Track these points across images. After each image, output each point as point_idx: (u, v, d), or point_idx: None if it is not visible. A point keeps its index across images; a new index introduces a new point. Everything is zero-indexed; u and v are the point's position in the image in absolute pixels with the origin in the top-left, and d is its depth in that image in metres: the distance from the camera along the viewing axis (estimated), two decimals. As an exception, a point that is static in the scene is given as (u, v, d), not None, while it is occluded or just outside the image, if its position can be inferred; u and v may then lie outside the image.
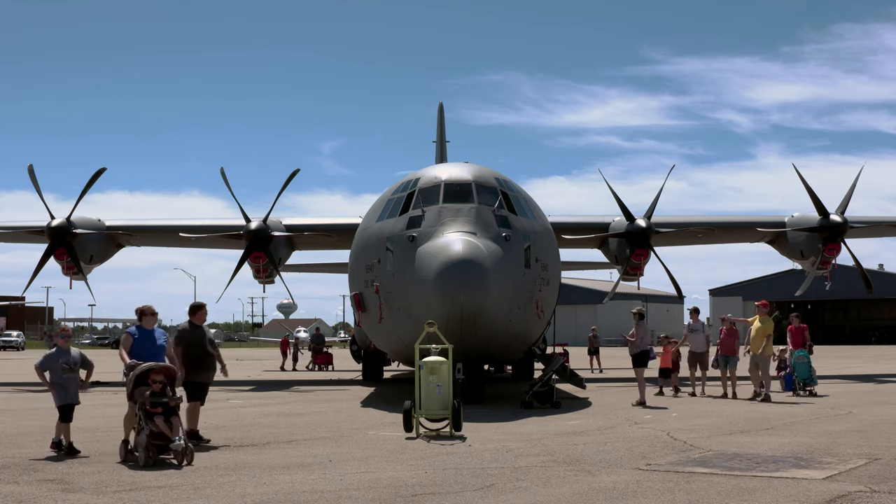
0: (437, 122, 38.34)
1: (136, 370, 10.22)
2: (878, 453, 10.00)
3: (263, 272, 26.39)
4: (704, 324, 20.13)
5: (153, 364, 10.34)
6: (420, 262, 15.92)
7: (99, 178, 24.90)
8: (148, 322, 10.99)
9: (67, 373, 10.64)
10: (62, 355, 10.71)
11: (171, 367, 10.52)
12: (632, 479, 8.48)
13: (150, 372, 10.18)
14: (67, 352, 10.79)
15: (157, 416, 9.86)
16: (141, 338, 10.81)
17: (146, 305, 11.03)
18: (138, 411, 10.00)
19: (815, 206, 25.81)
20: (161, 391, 10.10)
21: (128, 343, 10.77)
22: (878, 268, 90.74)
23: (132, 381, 10.16)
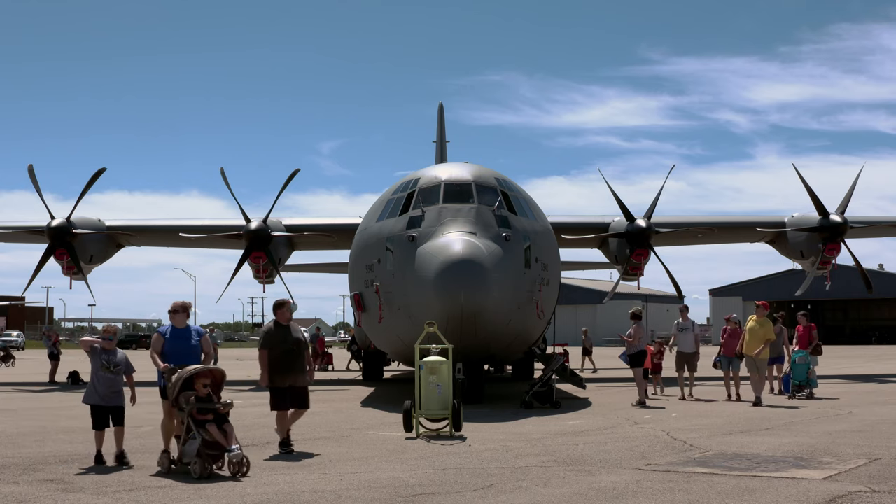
0: (437, 122, 38.37)
1: (180, 374, 9.38)
2: (878, 453, 10.00)
3: (263, 272, 26.40)
4: (694, 323, 19.14)
5: (200, 367, 9.51)
6: (420, 262, 15.92)
7: (99, 178, 24.93)
8: (179, 320, 10.05)
9: (105, 371, 9.82)
10: (105, 353, 9.92)
11: (218, 370, 9.69)
12: (632, 479, 8.48)
13: (195, 376, 9.37)
14: (113, 352, 10.00)
15: (210, 423, 9.12)
16: (173, 337, 9.93)
17: (177, 301, 10.20)
18: (186, 419, 9.19)
19: (814, 206, 25.82)
20: (208, 396, 9.36)
21: (158, 344, 9.88)
22: (878, 268, 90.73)
23: (178, 385, 9.31)
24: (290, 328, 10.95)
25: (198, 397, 9.27)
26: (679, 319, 19.11)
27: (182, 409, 9.27)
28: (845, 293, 60.98)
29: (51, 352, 28.14)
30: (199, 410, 9.20)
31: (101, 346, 9.96)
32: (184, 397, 9.26)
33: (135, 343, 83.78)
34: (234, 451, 8.93)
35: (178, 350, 9.81)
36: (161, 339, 9.91)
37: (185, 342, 9.91)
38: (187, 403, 9.22)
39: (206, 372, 9.47)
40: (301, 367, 10.89)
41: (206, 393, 9.35)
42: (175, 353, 9.78)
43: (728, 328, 18.47)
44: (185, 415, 9.23)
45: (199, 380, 9.37)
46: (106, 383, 9.83)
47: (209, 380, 9.45)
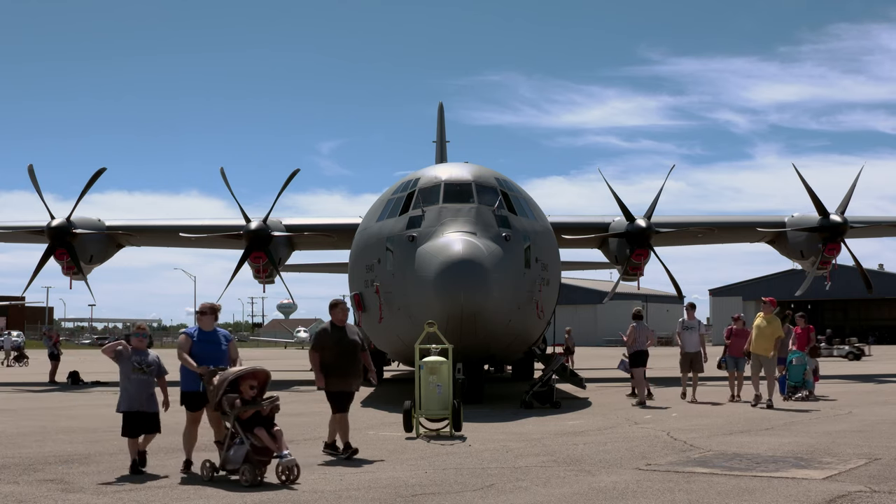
0: (437, 122, 38.38)
1: (223, 376, 8.84)
2: (878, 453, 10.00)
3: (263, 272, 26.40)
4: (701, 322, 18.32)
5: (246, 368, 8.95)
6: (420, 262, 15.92)
7: (99, 178, 24.94)
8: (207, 322, 9.49)
9: (137, 373, 9.17)
10: (136, 354, 9.30)
11: (263, 371, 9.07)
12: (632, 479, 8.48)
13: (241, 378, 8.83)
14: (144, 352, 9.38)
15: (258, 427, 8.56)
16: (200, 340, 9.35)
17: (205, 303, 9.70)
18: (233, 423, 8.62)
19: (815, 206, 25.82)
20: (253, 399, 8.78)
21: (186, 345, 9.27)
22: (878, 268, 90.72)
23: (222, 388, 8.74)
24: (346, 329, 10.47)
25: (244, 400, 8.72)
26: (684, 317, 18.35)
27: (226, 414, 8.72)
28: (845, 293, 60.99)
29: (51, 352, 28.17)
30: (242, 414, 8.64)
31: (132, 345, 9.38)
32: (227, 400, 8.70)
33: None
34: (288, 458, 8.41)
35: (207, 354, 9.23)
36: (189, 340, 9.33)
37: (213, 346, 9.36)
38: (232, 407, 8.65)
39: (251, 373, 8.93)
40: (357, 370, 10.37)
41: (253, 395, 8.80)
42: (203, 356, 9.20)
43: (734, 327, 18.14)
44: (230, 419, 8.64)
45: (245, 382, 8.83)
46: (140, 386, 9.19)
47: (255, 381, 8.93)
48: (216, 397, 8.78)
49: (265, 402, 8.76)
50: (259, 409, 8.68)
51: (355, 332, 10.53)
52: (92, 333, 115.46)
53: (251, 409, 8.65)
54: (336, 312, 10.53)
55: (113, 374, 35.04)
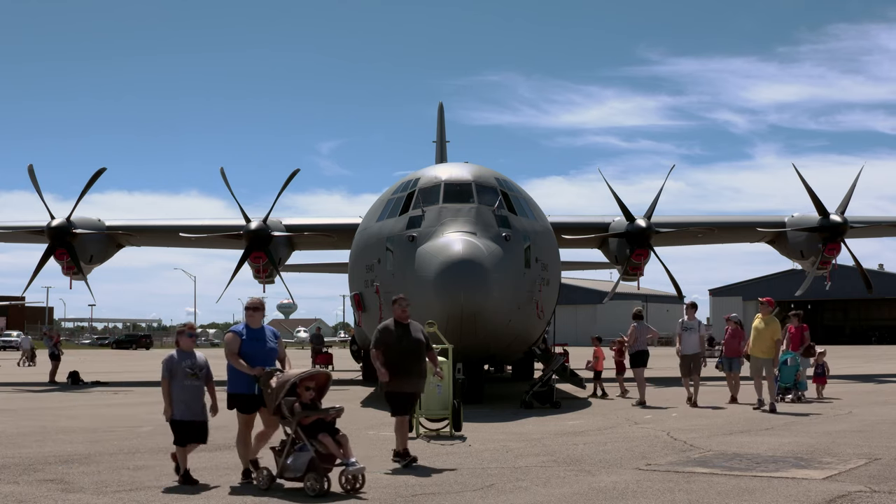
0: (437, 122, 38.39)
1: (282, 378, 8.25)
2: (878, 453, 10.00)
3: (263, 272, 26.40)
4: (701, 322, 17.41)
5: (306, 370, 8.44)
6: (420, 262, 15.92)
7: (99, 178, 24.94)
8: (256, 319, 8.86)
9: (191, 379, 8.53)
10: (185, 358, 8.62)
11: (323, 373, 8.62)
12: (632, 479, 8.48)
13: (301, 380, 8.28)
14: (192, 354, 8.70)
15: (323, 433, 8.03)
16: (249, 338, 8.72)
17: (252, 298, 9.05)
18: (295, 428, 8.07)
19: (815, 206, 25.82)
20: (312, 403, 8.26)
21: (235, 344, 8.62)
22: (878, 268, 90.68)
23: (282, 392, 8.16)
24: (410, 327, 9.78)
25: (303, 404, 8.14)
26: (684, 318, 17.42)
27: (285, 418, 8.15)
28: (845, 293, 60.95)
29: (51, 352, 28.17)
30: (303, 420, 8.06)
31: (181, 346, 8.72)
32: (286, 404, 8.12)
33: (134, 343, 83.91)
34: (356, 466, 7.90)
35: (256, 353, 8.62)
36: (238, 339, 8.66)
37: (262, 344, 8.73)
38: (292, 412, 8.08)
39: (311, 376, 8.38)
40: (421, 371, 9.74)
41: (311, 398, 8.27)
42: (252, 356, 8.59)
43: (728, 328, 17.77)
44: (293, 425, 8.06)
45: (304, 384, 8.28)
46: (193, 392, 8.53)
47: (314, 384, 8.37)
48: (275, 401, 8.19)
49: (332, 410, 8.24)
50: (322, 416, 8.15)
51: (419, 330, 9.86)
52: (92, 333, 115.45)
53: (314, 415, 8.11)
54: (397, 308, 9.87)
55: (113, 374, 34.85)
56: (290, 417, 8.10)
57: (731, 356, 17.47)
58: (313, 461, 7.87)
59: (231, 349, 8.61)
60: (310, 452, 7.91)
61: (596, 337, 21.76)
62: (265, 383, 8.36)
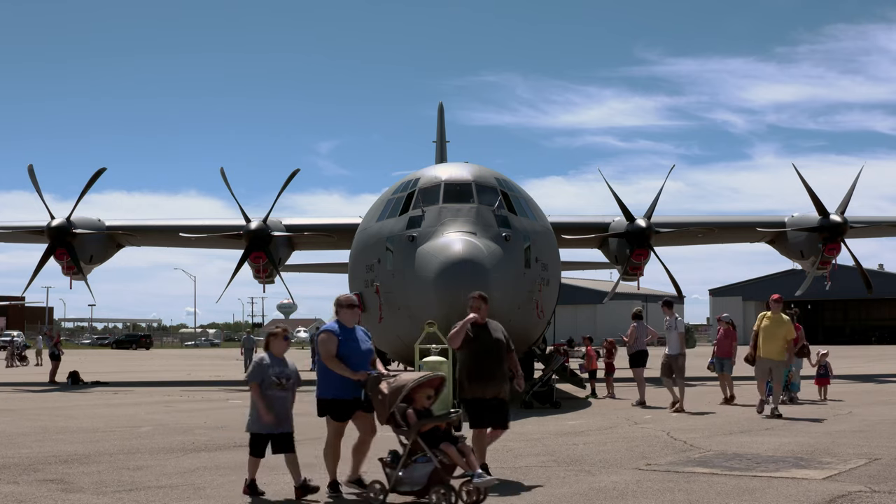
0: (437, 122, 38.36)
1: (397, 384, 7.54)
2: (878, 453, 10.00)
3: (263, 272, 26.40)
4: (679, 320, 16.32)
5: (428, 375, 7.76)
6: (420, 262, 15.92)
7: (99, 178, 24.95)
8: (349, 317, 8.09)
9: (276, 389, 7.85)
10: (276, 364, 7.91)
11: (438, 378, 7.79)
12: (632, 479, 8.47)
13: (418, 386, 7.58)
14: (283, 361, 7.99)
15: (446, 443, 7.38)
16: (344, 338, 7.96)
17: (347, 294, 8.35)
18: (414, 438, 7.39)
19: (814, 206, 25.82)
20: (427, 410, 7.54)
21: (333, 345, 7.86)
22: (878, 268, 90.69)
23: (397, 399, 7.46)
24: (489, 326, 8.87)
25: (417, 412, 7.47)
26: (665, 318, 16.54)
27: (400, 427, 7.48)
28: (845, 293, 60.92)
29: (52, 352, 28.16)
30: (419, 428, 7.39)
31: (272, 350, 7.99)
32: (398, 410, 7.45)
33: (135, 343, 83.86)
34: (486, 478, 7.30)
35: (352, 354, 7.90)
36: (335, 339, 7.89)
37: (359, 345, 8.01)
38: (405, 419, 7.43)
39: (429, 381, 7.66)
40: (502, 374, 8.61)
41: (429, 406, 7.59)
42: (349, 358, 7.87)
43: (721, 329, 17.46)
44: (411, 434, 7.38)
45: (423, 390, 7.56)
46: (280, 404, 7.87)
47: (432, 390, 7.67)
48: (388, 409, 7.48)
49: (451, 415, 7.59)
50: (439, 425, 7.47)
51: (500, 330, 8.93)
52: (92, 333, 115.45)
53: (432, 423, 7.43)
54: (477, 304, 8.94)
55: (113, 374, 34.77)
56: (408, 427, 7.40)
57: (723, 356, 17.16)
58: (437, 473, 7.22)
59: (329, 351, 7.83)
60: (431, 464, 7.26)
61: (587, 337, 21.79)
62: (374, 389, 7.64)
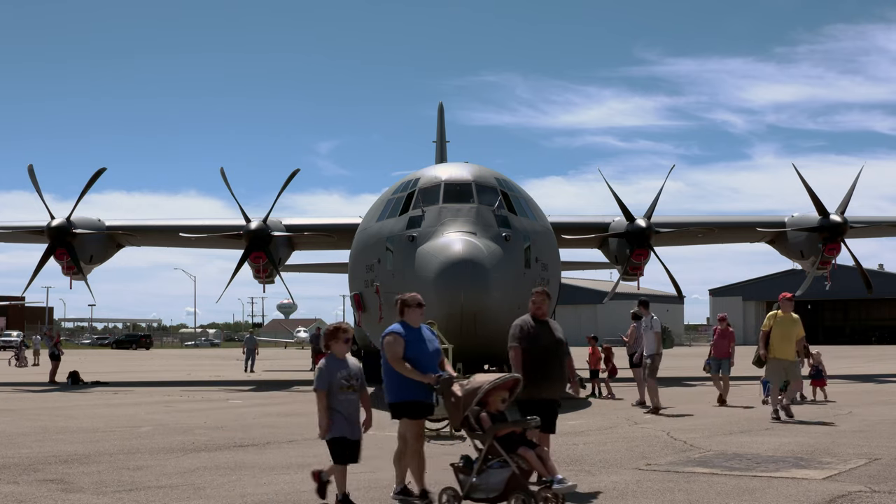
0: (437, 122, 38.36)
1: (471, 386, 7.16)
2: (878, 453, 10.00)
3: (263, 272, 26.39)
4: (655, 320, 15.80)
5: (505, 376, 7.31)
6: (420, 261, 15.92)
7: (99, 178, 24.95)
8: (415, 317, 7.72)
9: (346, 392, 7.31)
10: (340, 367, 7.37)
11: (514, 378, 7.39)
12: (632, 479, 8.47)
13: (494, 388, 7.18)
14: (346, 362, 7.44)
15: (524, 447, 7.01)
16: (410, 339, 7.55)
17: (410, 294, 7.93)
18: (489, 442, 7.00)
19: (815, 206, 25.83)
20: (501, 414, 7.16)
21: (400, 347, 7.46)
22: (878, 268, 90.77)
23: (472, 400, 7.08)
24: (550, 325, 8.53)
25: (492, 415, 7.10)
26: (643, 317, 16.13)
27: (474, 431, 7.13)
28: (845, 293, 60.95)
29: (52, 352, 28.16)
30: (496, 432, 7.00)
31: (333, 350, 7.46)
32: (471, 413, 7.09)
33: (135, 343, 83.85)
34: (563, 482, 6.92)
35: (421, 356, 7.49)
36: (402, 341, 7.49)
37: (427, 345, 7.59)
38: (479, 423, 7.06)
39: (505, 383, 7.25)
40: (561, 375, 8.38)
41: (503, 409, 7.21)
42: (417, 360, 7.45)
43: (718, 328, 17.15)
44: (487, 439, 7.02)
45: (497, 393, 7.16)
46: (351, 406, 7.33)
47: (506, 392, 7.27)
48: (462, 412, 7.11)
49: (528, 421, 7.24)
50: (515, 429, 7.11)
51: (560, 329, 8.60)
52: (92, 333, 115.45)
53: (508, 428, 7.08)
54: (536, 303, 8.55)
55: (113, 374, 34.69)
56: (483, 431, 7.04)
57: (721, 357, 16.73)
58: (515, 479, 6.85)
59: (396, 353, 7.46)
60: (509, 469, 6.88)
61: (592, 336, 21.66)
62: (447, 391, 7.23)
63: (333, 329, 7.52)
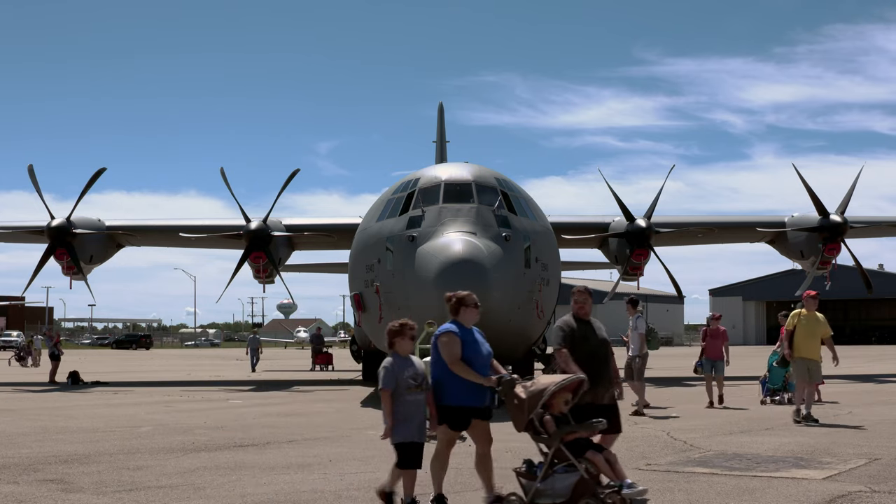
0: (437, 122, 38.35)
1: (538, 387, 6.83)
2: (878, 453, 10.00)
3: (263, 272, 26.39)
4: (640, 320, 15.65)
5: (571, 377, 6.99)
6: (420, 261, 15.92)
7: (99, 178, 24.95)
8: (469, 317, 7.32)
9: (414, 393, 7.04)
10: (406, 366, 7.10)
11: (579, 379, 7.04)
12: (632, 478, 8.45)
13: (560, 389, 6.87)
14: (410, 360, 7.18)
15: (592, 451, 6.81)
16: (465, 340, 7.16)
17: (465, 293, 7.47)
18: (556, 446, 6.72)
19: (815, 206, 25.84)
20: (564, 416, 6.88)
21: (458, 348, 7.05)
22: (878, 268, 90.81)
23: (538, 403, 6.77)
24: (593, 325, 8.25)
25: (556, 417, 6.82)
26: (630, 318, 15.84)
27: (539, 435, 6.84)
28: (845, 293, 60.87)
29: (52, 352, 28.15)
30: None
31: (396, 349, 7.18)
32: (536, 417, 6.79)
33: (135, 343, 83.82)
34: (634, 487, 6.74)
35: (475, 358, 7.11)
36: (459, 342, 7.08)
37: (480, 346, 7.24)
38: (543, 426, 6.78)
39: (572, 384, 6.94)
40: (609, 377, 8.15)
41: (566, 411, 6.90)
42: (471, 362, 7.07)
43: (709, 328, 16.82)
44: (554, 443, 6.75)
45: (561, 395, 6.85)
46: (417, 408, 7.05)
47: (570, 394, 6.95)
48: (526, 415, 6.80)
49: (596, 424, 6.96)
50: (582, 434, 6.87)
51: (603, 328, 8.38)
52: (92, 333, 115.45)
53: (579, 433, 6.86)
54: (579, 303, 8.23)
55: (113, 374, 34.67)
56: (549, 435, 6.77)
57: (715, 358, 16.46)
58: (584, 484, 6.60)
59: (454, 354, 7.04)
60: (577, 474, 6.63)
61: None
62: (509, 393, 6.92)
63: (399, 326, 7.23)
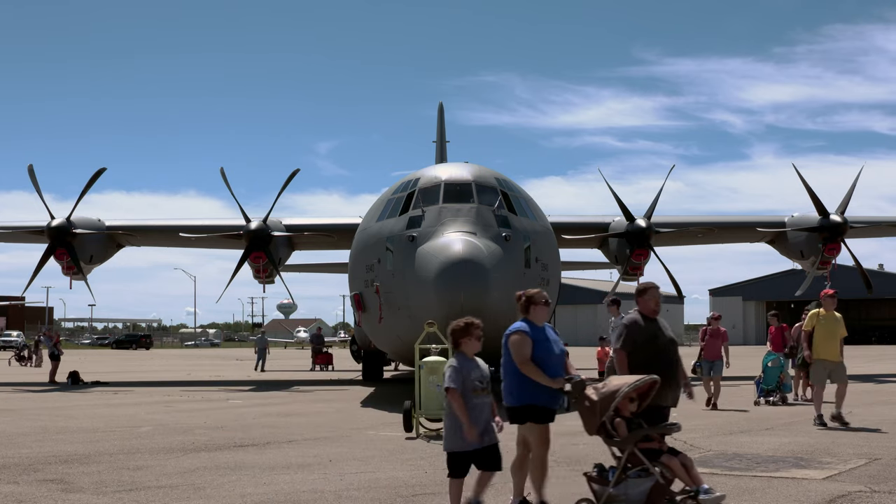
0: (437, 121, 38.35)
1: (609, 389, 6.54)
2: (878, 453, 10.00)
3: (263, 272, 26.38)
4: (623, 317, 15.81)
5: (643, 378, 6.65)
6: (420, 262, 15.91)
7: (99, 178, 24.95)
8: (540, 314, 7.15)
9: (481, 396, 6.70)
10: (472, 367, 6.80)
11: (651, 380, 6.68)
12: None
13: None
14: (476, 361, 6.89)
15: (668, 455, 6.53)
16: (537, 339, 6.99)
17: (535, 291, 7.29)
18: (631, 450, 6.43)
19: (815, 206, 25.83)
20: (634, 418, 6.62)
21: (528, 347, 6.92)
22: (878, 268, 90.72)
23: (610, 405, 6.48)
24: (660, 324, 7.70)
25: (628, 420, 6.56)
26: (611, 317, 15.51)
27: (611, 438, 6.55)
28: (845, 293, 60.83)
29: (52, 352, 28.16)
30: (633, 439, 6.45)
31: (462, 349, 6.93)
32: (608, 419, 6.51)
33: (135, 343, 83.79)
34: (711, 493, 6.39)
35: (547, 358, 6.93)
36: (529, 341, 6.92)
37: (552, 346, 7.02)
38: (616, 430, 6.50)
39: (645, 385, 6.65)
40: (677, 378, 7.44)
41: (636, 413, 6.65)
42: (543, 362, 6.89)
43: (707, 328, 16.79)
44: (628, 447, 6.46)
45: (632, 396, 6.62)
46: (483, 412, 6.67)
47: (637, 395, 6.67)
48: (598, 418, 6.53)
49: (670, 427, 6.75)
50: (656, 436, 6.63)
51: (669, 327, 7.88)
52: (92, 333, 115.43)
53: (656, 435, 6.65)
54: (647, 301, 7.71)
55: (113, 374, 34.72)
56: (624, 439, 6.49)
57: (713, 359, 16.39)
58: (660, 489, 6.34)
59: (524, 354, 6.89)
60: (652, 479, 6.36)
61: (603, 337, 21.44)
62: (580, 395, 6.68)
63: (465, 324, 6.98)
